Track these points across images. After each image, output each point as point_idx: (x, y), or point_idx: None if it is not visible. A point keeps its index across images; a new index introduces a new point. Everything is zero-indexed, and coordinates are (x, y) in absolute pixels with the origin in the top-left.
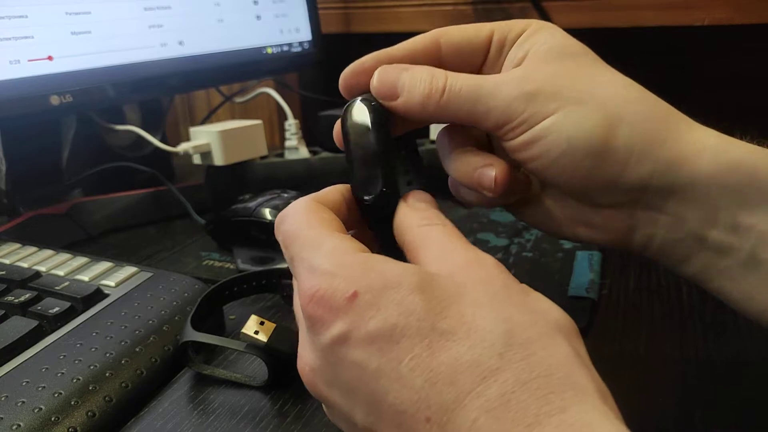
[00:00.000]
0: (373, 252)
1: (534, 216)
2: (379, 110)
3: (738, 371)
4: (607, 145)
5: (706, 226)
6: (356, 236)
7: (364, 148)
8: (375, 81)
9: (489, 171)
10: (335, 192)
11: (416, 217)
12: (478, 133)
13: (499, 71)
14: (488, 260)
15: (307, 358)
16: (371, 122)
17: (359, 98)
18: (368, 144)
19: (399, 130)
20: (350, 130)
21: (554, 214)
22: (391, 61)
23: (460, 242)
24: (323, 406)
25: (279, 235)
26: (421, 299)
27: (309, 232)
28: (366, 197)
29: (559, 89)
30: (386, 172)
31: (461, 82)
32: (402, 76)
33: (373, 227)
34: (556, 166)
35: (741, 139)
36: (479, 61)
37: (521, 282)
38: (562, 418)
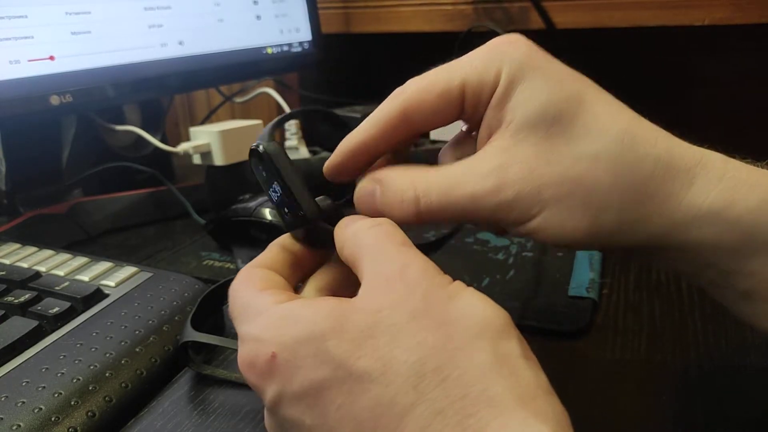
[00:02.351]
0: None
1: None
2: (266, 154)
3: (739, 369)
4: (593, 233)
5: (699, 269)
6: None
7: (265, 181)
8: (357, 204)
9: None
10: (272, 247)
11: (349, 230)
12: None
13: (477, 122)
14: (413, 266)
15: (265, 416)
16: (268, 167)
17: (252, 145)
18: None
19: None
20: (256, 174)
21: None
22: (368, 153)
23: (392, 248)
24: None
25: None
26: (334, 345)
27: (239, 302)
28: (289, 221)
29: (539, 189)
30: (295, 200)
31: (434, 201)
32: (377, 200)
33: (316, 247)
34: (549, 242)
35: (754, 163)
36: (454, 119)
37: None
38: None
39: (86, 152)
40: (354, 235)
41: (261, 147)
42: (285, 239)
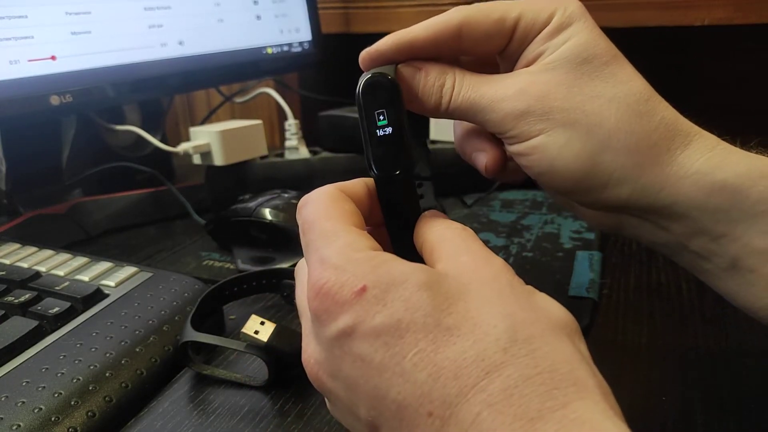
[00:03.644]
0: (385, 251)
1: (544, 187)
2: (396, 86)
3: (739, 369)
4: (587, 171)
5: (687, 236)
6: (372, 234)
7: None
8: (400, 75)
9: (481, 156)
10: (360, 184)
11: (437, 220)
12: None
13: (515, 61)
14: (497, 261)
15: (311, 350)
16: (388, 99)
17: (374, 72)
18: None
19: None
20: (365, 105)
21: (556, 195)
22: (411, 51)
23: (474, 244)
24: (326, 400)
25: (299, 218)
26: (428, 296)
27: (326, 223)
28: (381, 174)
29: (549, 110)
30: (401, 149)
31: (463, 94)
32: (415, 81)
33: (391, 221)
34: (543, 177)
35: (741, 146)
36: (499, 49)
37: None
38: (564, 413)
39: (86, 152)
40: (438, 226)
41: (390, 77)
42: (373, 185)
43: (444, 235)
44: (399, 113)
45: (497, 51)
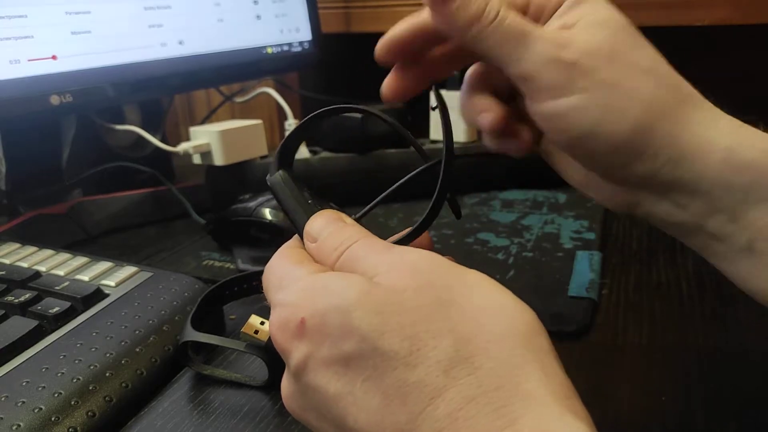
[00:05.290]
0: None
1: (550, 163)
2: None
3: (739, 368)
4: (627, 138)
5: (705, 215)
6: None
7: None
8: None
9: (487, 115)
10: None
11: (327, 252)
12: (500, 86)
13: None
14: (431, 256)
15: (284, 384)
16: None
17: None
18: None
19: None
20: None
21: (566, 169)
22: (421, 34)
23: (386, 248)
24: None
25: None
26: (359, 317)
27: (277, 273)
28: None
29: (596, 68)
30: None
31: (511, 18)
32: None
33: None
34: (579, 142)
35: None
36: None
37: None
38: (515, 428)
39: (86, 152)
40: (335, 257)
41: (267, 179)
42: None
43: (353, 257)
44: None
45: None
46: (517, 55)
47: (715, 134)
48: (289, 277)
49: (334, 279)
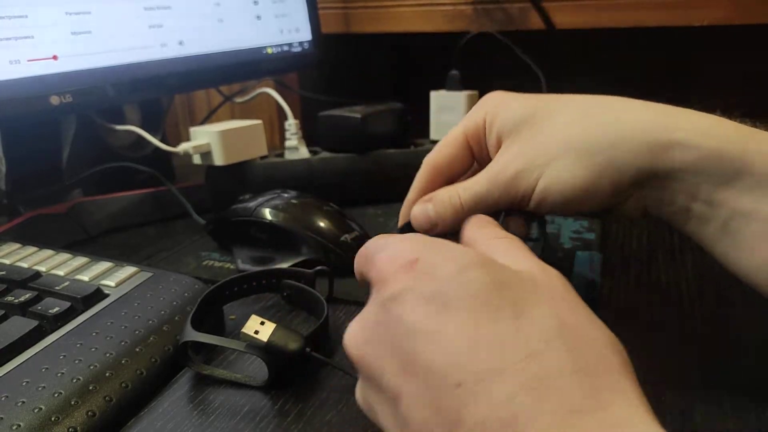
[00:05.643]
0: None
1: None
2: None
3: (739, 368)
4: (594, 176)
5: (688, 200)
6: None
7: None
8: (416, 222)
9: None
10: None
11: (483, 233)
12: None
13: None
14: (553, 272)
15: (357, 319)
16: None
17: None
18: None
19: None
20: None
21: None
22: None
23: (527, 254)
24: (358, 380)
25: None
26: (478, 275)
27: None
28: None
29: (531, 160)
30: None
31: (468, 193)
32: (431, 213)
33: None
34: (564, 206)
35: (730, 117)
36: (471, 162)
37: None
38: (605, 415)
39: (86, 152)
40: (486, 238)
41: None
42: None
43: (496, 247)
44: None
45: (471, 165)
46: (492, 201)
47: (681, 136)
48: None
49: (457, 245)
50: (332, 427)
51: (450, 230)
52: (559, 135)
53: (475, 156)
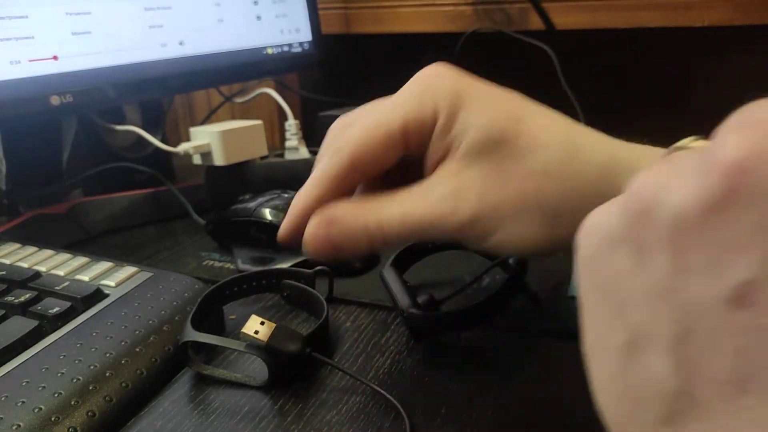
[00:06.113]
0: None
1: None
2: None
3: None
4: (552, 241)
5: None
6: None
7: None
8: (307, 244)
9: None
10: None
11: None
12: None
13: (418, 158)
14: None
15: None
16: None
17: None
18: None
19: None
20: None
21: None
22: (317, 209)
23: None
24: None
25: None
26: None
27: None
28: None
29: (494, 207)
30: None
31: (399, 223)
32: (331, 238)
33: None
34: (510, 254)
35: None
36: (397, 160)
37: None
38: None
39: (86, 152)
40: None
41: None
42: None
43: None
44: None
45: (395, 162)
46: (430, 236)
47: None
48: None
49: None
50: (332, 427)
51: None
52: (532, 184)
53: (407, 152)
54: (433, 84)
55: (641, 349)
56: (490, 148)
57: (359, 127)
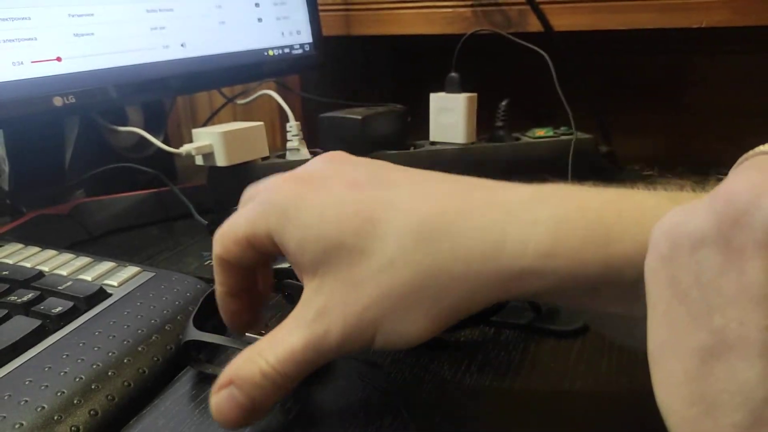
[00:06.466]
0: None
1: None
2: None
3: None
4: (440, 320)
5: (554, 300)
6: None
7: None
8: (218, 416)
9: None
10: None
11: None
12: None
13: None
14: None
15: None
16: None
17: None
18: None
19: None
20: None
21: None
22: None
23: None
24: None
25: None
26: None
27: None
28: None
29: (359, 316)
30: None
31: (281, 358)
32: (239, 401)
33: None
34: (404, 348)
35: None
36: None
37: None
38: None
39: (89, 153)
40: None
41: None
42: None
43: None
44: None
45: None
46: (326, 360)
47: (513, 255)
48: None
49: None
50: (333, 426)
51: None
52: (385, 279)
53: (267, 255)
54: (269, 198)
55: (726, 353)
56: (329, 258)
57: (223, 230)
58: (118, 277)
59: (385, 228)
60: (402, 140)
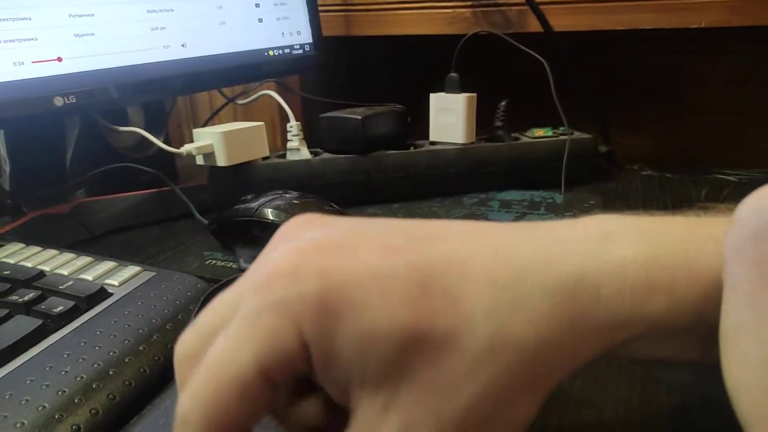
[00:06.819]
0: None
1: None
2: None
3: None
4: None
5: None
6: None
7: None
8: None
9: None
10: None
11: None
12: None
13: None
14: None
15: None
16: None
17: None
18: None
19: None
20: None
21: None
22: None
23: None
24: None
25: None
26: None
27: None
28: None
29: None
30: None
31: None
32: None
33: None
34: None
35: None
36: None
37: None
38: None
39: (90, 153)
40: None
41: None
42: None
43: None
44: None
45: (271, 404)
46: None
47: None
48: None
49: None
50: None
51: None
52: (489, 368)
53: (281, 385)
54: (290, 299)
55: None
56: (406, 358)
57: (205, 374)
58: (119, 276)
59: (466, 303)
60: (402, 140)
